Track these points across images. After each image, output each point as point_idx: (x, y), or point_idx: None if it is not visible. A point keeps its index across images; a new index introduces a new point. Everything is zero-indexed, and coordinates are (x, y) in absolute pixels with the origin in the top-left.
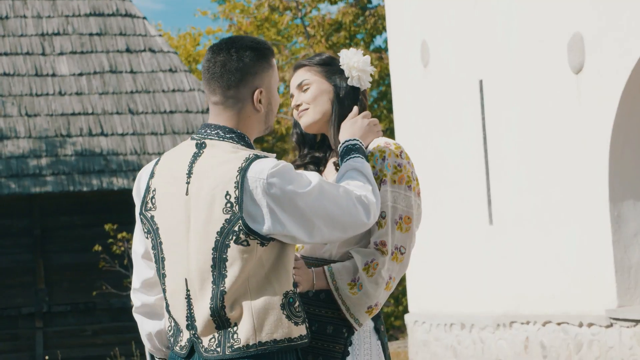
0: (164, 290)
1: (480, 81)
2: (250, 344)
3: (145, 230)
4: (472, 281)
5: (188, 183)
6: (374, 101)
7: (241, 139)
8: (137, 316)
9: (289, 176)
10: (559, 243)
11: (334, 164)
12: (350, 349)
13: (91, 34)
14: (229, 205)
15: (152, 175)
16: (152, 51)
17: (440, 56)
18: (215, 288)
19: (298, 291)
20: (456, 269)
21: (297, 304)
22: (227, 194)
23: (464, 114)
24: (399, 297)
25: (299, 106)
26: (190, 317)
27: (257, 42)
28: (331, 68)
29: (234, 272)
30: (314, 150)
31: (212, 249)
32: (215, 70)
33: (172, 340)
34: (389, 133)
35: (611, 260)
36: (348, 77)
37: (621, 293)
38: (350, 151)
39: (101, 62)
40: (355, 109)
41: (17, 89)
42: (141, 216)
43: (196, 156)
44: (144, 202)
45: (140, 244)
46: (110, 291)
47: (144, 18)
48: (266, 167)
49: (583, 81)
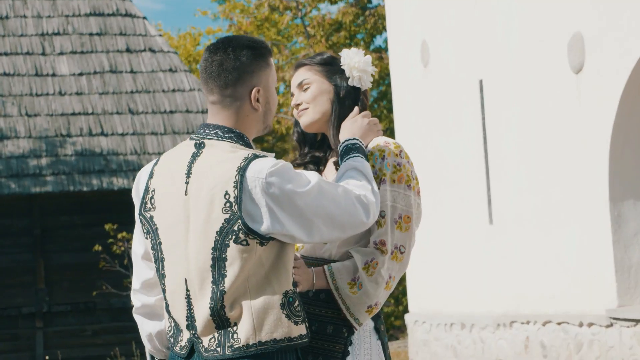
0: (163, 291)
1: (480, 81)
2: (250, 343)
3: (145, 231)
4: (472, 281)
5: (187, 183)
6: (374, 101)
7: (240, 138)
8: (137, 317)
9: (288, 175)
10: (559, 243)
11: (333, 163)
12: (350, 348)
13: (91, 34)
14: (228, 204)
15: (151, 176)
16: (152, 51)
17: (440, 56)
18: (215, 288)
19: (298, 291)
20: (456, 269)
21: (296, 303)
22: (226, 193)
23: (464, 114)
24: (399, 297)
25: (298, 105)
26: (190, 317)
27: (254, 41)
28: (332, 68)
29: (233, 271)
30: (314, 149)
31: (212, 249)
32: (212, 70)
33: (172, 340)
34: (389, 133)
35: (611, 260)
36: (349, 77)
37: (621, 293)
38: (350, 150)
39: (101, 62)
40: (356, 109)
41: (17, 89)
42: (140, 217)
43: (195, 156)
44: (143, 203)
45: (139, 244)
46: (110, 291)
47: (144, 18)
48: (265, 166)
49: (583, 81)
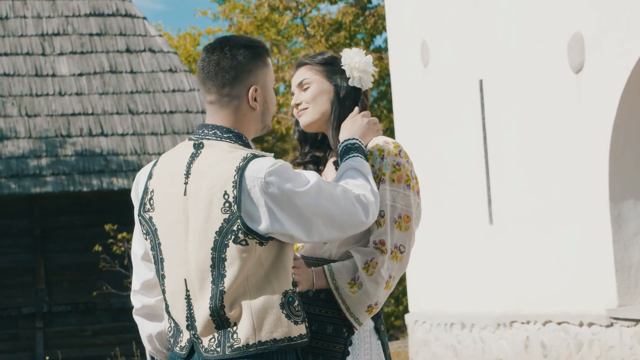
0: (163, 291)
1: (480, 81)
2: (250, 343)
3: (144, 232)
4: (472, 281)
5: (186, 183)
6: (374, 101)
7: (239, 138)
8: (137, 318)
9: (287, 175)
10: (559, 243)
11: (333, 163)
12: (350, 348)
13: (91, 34)
14: (227, 204)
15: (150, 177)
16: (152, 51)
17: (440, 56)
18: (214, 288)
19: (298, 290)
20: (456, 269)
21: (296, 303)
22: (226, 193)
23: (464, 114)
24: (399, 297)
25: (298, 105)
26: (190, 318)
27: (251, 41)
28: (332, 68)
29: (233, 271)
30: (315, 148)
31: (211, 249)
32: (209, 69)
33: (172, 341)
34: (389, 133)
35: (611, 260)
36: (349, 78)
37: (621, 292)
38: (350, 150)
39: (101, 62)
40: (356, 109)
41: (17, 89)
42: (140, 217)
43: (194, 156)
44: (142, 204)
45: (139, 245)
46: (110, 291)
47: (144, 18)
48: (264, 166)
49: (583, 81)
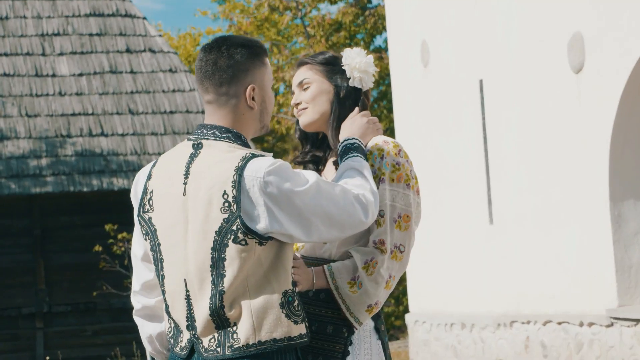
0: (163, 292)
1: (480, 81)
2: (250, 343)
3: (144, 232)
4: (472, 281)
5: (185, 184)
6: (374, 101)
7: (238, 138)
8: (137, 319)
9: (286, 174)
10: (559, 243)
11: (333, 163)
12: (350, 348)
13: (91, 34)
14: (226, 204)
15: (149, 177)
16: (152, 51)
17: (440, 56)
18: (214, 288)
19: (298, 290)
20: (456, 269)
21: (296, 302)
22: (225, 193)
23: (464, 114)
24: (400, 297)
25: (298, 104)
26: (190, 318)
27: (248, 40)
28: (333, 68)
29: (232, 271)
30: (315, 148)
31: (211, 249)
32: (207, 69)
33: (172, 341)
34: (389, 133)
35: (611, 260)
36: (349, 78)
37: (621, 292)
38: (349, 150)
39: (101, 63)
40: (356, 109)
41: (17, 90)
42: (139, 218)
43: (193, 157)
44: (141, 204)
45: (139, 246)
46: (110, 291)
47: (144, 18)
48: (263, 165)
49: (583, 81)
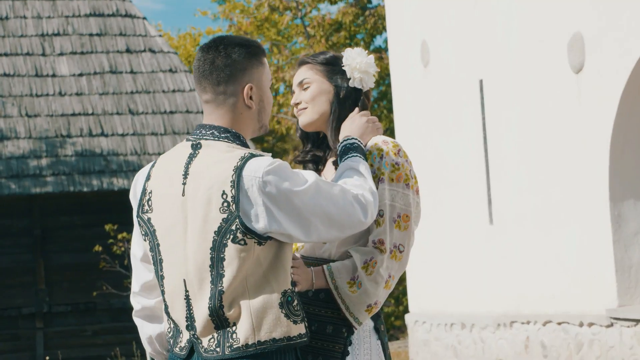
0: (162, 292)
1: (480, 81)
2: (250, 343)
3: (143, 233)
4: (472, 281)
5: (184, 184)
6: (374, 101)
7: (236, 138)
8: (137, 320)
9: (285, 174)
10: (559, 243)
11: (332, 163)
12: (350, 348)
13: (91, 35)
14: (225, 204)
15: (148, 178)
16: (152, 51)
17: (440, 56)
18: (213, 288)
19: (297, 290)
20: (456, 269)
21: (295, 302)
22: (224, 193)
23: (464, 114)
24: (400, 297)
25: (298, 104)
26: (190, 318)
27: (246, 40)
28: (334, 68)
29: (231, 271)
30: (316, 147)
31: (210, 249)
32: (205, 68)
33: (171, 341)
34: (389, 133)
35: (611, 260)
36: (350, 78)
37: (621, 292)
38: (349, 150)
39: (101, 63)
40: (356, 109)
41: (17, 90)
42: (138, 219)
43: (192, 157)
44: (140, 205)
45: (138, 247)
46: (110, 291)
47: (144, 18)
48: (262, 165)
49: (583, 81)
